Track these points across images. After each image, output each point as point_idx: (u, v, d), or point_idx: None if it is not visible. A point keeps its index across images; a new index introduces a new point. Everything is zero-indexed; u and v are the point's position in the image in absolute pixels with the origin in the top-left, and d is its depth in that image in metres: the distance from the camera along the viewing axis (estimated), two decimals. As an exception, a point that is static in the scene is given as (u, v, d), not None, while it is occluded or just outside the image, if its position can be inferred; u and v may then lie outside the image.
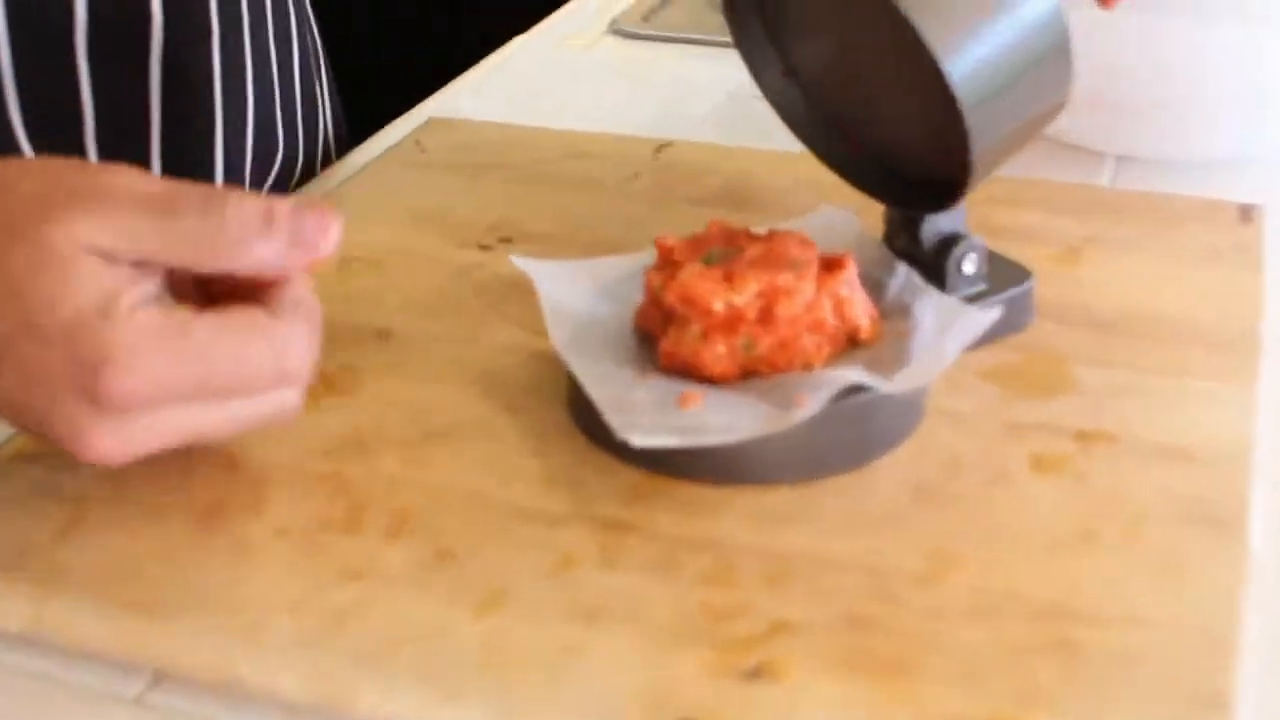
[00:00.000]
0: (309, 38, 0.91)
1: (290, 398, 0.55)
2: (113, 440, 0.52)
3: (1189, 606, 0.51)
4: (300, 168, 0.89)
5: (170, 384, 0.52)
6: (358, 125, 1.01)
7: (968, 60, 0.57)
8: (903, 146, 0.66)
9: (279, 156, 0.85)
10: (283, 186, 0.87)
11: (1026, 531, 0.55)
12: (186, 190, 0.53)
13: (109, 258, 0.52)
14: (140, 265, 0.53)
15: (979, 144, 0.58)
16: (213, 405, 0.53)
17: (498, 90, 0.95)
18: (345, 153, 0.92)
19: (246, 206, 0.53)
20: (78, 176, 0.53)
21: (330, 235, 0.55)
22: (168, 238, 0.52)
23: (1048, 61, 0.59)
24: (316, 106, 0.91)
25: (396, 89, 1.19)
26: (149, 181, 0.53)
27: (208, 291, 0.57)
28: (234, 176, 0.81)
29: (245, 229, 0.53)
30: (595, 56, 1.05)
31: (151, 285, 0.53)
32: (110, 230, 0.52)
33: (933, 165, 0.64)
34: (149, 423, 0.53)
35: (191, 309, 0.53)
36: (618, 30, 1.10)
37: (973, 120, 0.58)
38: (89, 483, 0.58)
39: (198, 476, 0.59)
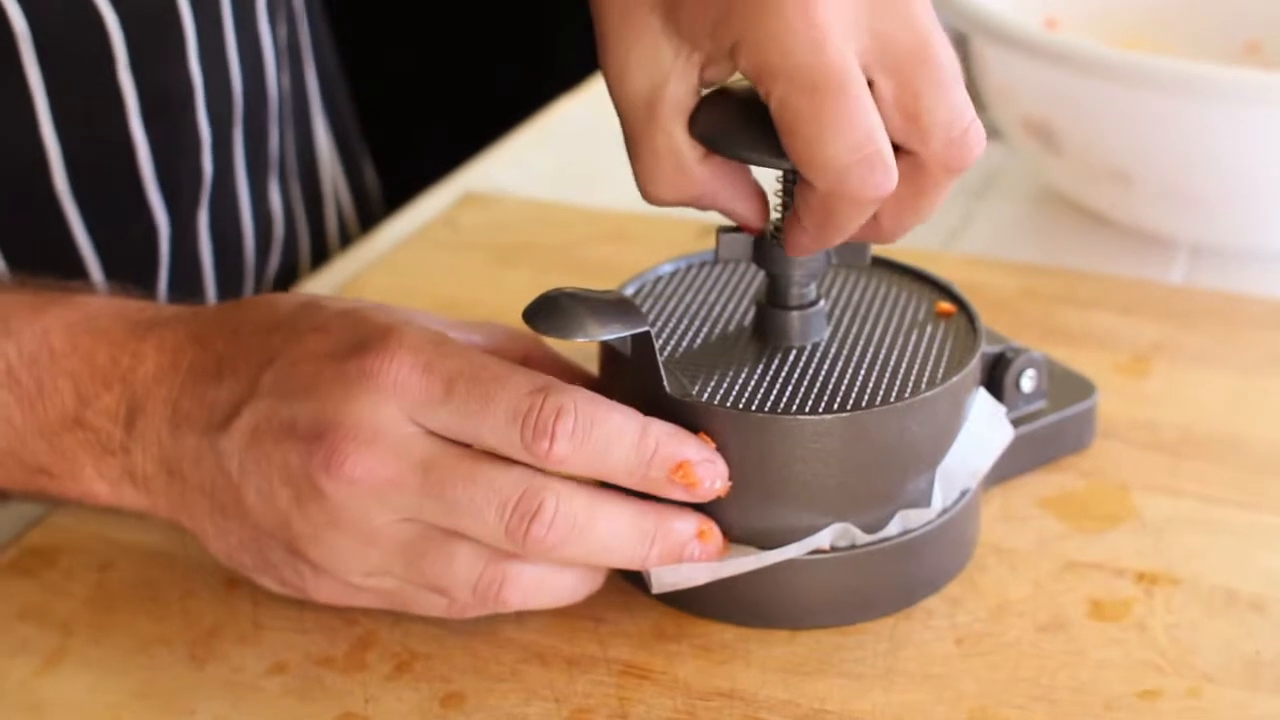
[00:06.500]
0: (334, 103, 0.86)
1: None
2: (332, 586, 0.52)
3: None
4: (309, 247, 0.83)
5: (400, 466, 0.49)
6: (395, 179, 0.97)
7: None
8: None
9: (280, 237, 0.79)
10: (291, 262, 0.80)
11: (1080, 688, 0.51)
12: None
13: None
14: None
15: None
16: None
17: (541, 159, 0.91)
18: (378, 219, 0.87)
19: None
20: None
21: None
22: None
23: None
24: (319, 182, 0.84)
25: (438, 136, 1.16)
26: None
27: None
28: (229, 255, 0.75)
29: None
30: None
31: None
32: None
33: None
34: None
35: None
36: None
37: None
38: (79, 607, 0.55)
39: (194, 600, 0.55)
